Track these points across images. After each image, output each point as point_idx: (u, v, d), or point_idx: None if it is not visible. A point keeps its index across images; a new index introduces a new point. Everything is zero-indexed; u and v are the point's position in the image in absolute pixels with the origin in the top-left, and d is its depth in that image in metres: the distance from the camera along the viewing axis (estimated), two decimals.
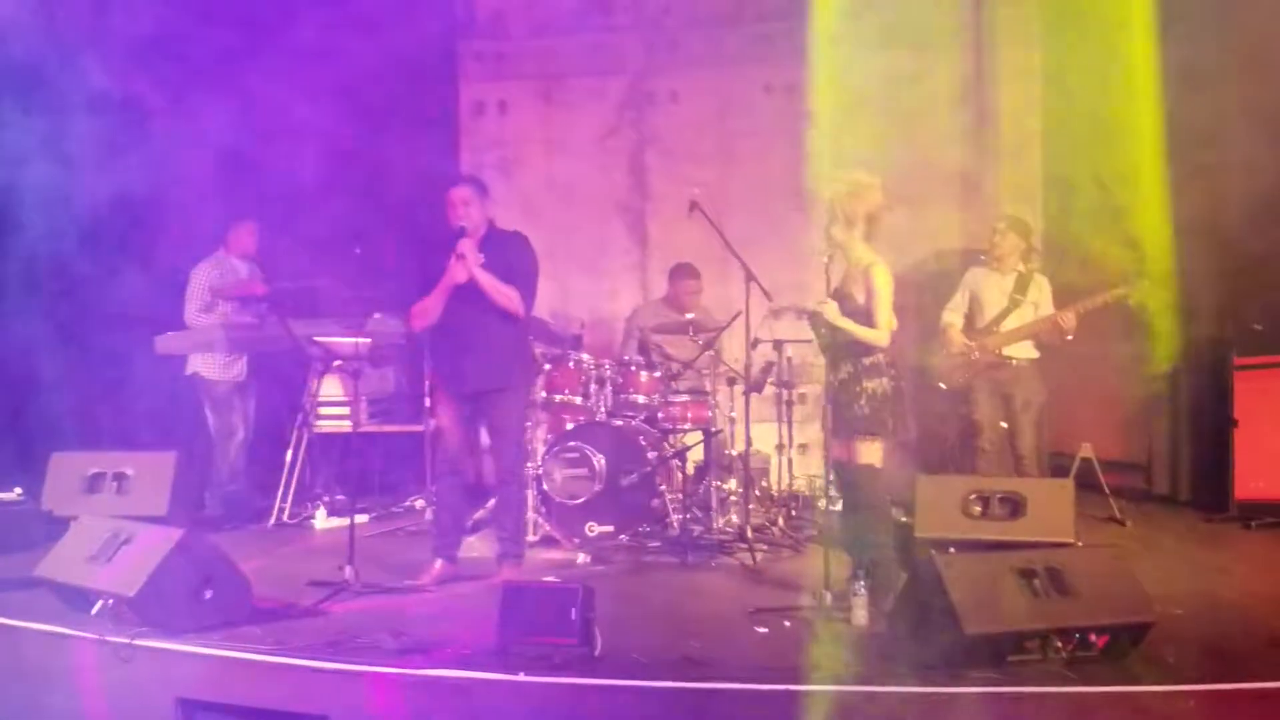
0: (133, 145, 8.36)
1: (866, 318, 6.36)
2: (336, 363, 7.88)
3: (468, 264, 6.80)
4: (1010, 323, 8.20)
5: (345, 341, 7.82)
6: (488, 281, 6.88)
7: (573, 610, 5.38)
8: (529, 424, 8.31)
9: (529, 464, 8.19)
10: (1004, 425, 8.23)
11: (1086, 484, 8.63)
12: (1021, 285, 8.24)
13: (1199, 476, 9.25)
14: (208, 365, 8.84)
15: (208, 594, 5.88)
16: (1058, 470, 8.87)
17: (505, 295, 6.94)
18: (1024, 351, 8.21)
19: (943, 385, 8.39)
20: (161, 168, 8.64)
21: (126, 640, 5.56)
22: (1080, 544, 6.68)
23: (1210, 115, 8.24)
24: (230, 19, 9.18)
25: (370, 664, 5.37)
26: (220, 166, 9.01)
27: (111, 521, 6.16)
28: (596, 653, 5.43)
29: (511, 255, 7.04)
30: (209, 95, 9.03)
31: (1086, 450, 8.86)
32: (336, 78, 9.66)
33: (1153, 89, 8.60)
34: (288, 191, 9.38)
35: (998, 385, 8.21)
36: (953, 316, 8.39)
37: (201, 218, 9.08)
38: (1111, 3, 8.72)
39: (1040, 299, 8.22)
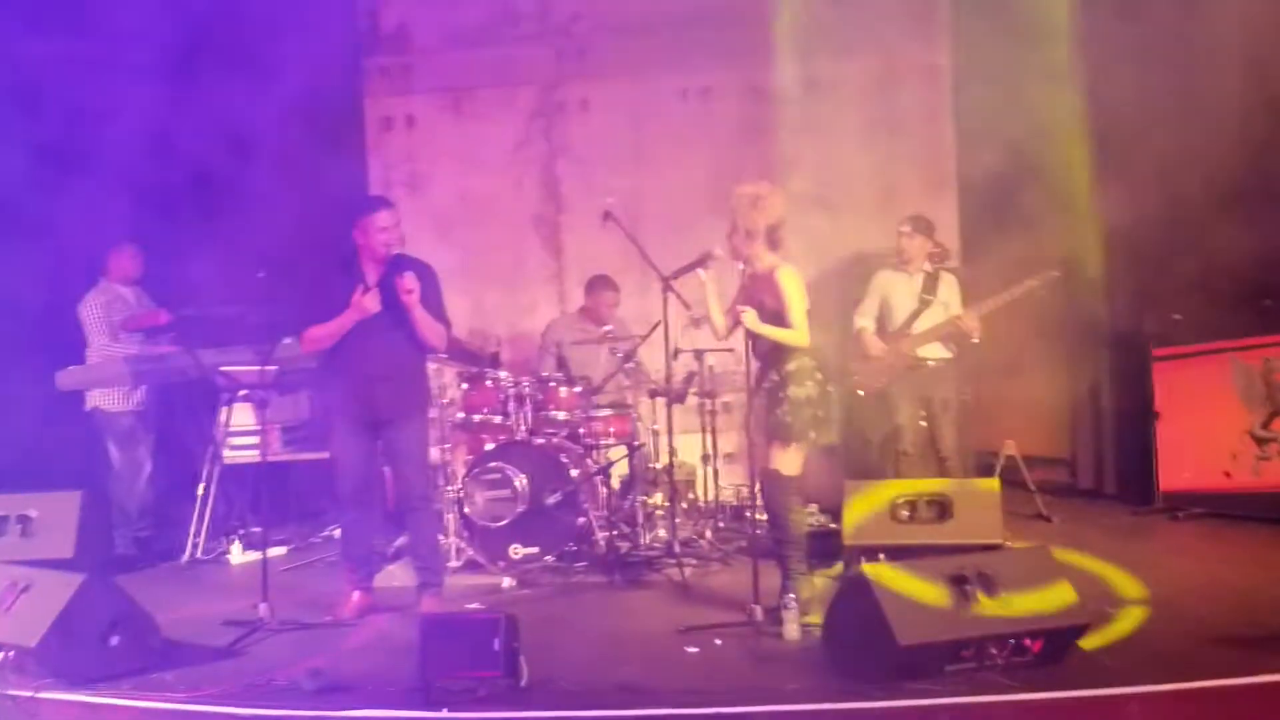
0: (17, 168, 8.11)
1: (779, 321, 6.34)
2: (242, 392, 7.66)
3: (412, 300, 6.66)
4: (922, 324, 8.19)
5: (250, 369, 7.59)
6: (423, 318, 6.77)
7: (495, 640, 5.22)
8: (447, 445, 8.16)
9: (450, 486, 8.03)
10: (924, 424, 8.18)
11: (1011, 481, 8.63)
12: (930, 285, 8.23)
13: (1123, 469, 9.27)
14: (107, 398, 8.56)
15: (114, 640, 5.65)
16: (983, 469, 8.84)
17: (436, 331, 6.88)
18: (938, 352, 8.20)
19: (860, 391, 8.31)
20: (55, 192, 8.39)
21: (30, 694, 5.35)
22: (1009, 544, 6.66)
23: (1128, 111, 8.25)
24: (127, 34, 8.92)
25: (288, 708, 5.19)
26: (112, 190, 8.74)
27: (10, 569, 5.91)
28: (523, 683, 5.27)
29: (427, 287, 6.86)
30: (108, 112, 8.79)
31: (1010, 448, 8.87)
32: (236, 95, 9.45)
33: (1069, 86, 8.61)
34: (187, 214, 9.14)
35: (916, 387, 8.18)
36: (865, 321, 8.35)
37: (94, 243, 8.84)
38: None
39: (950, 298, 8.21)
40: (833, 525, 7.88)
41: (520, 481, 7.86)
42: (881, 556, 6.61)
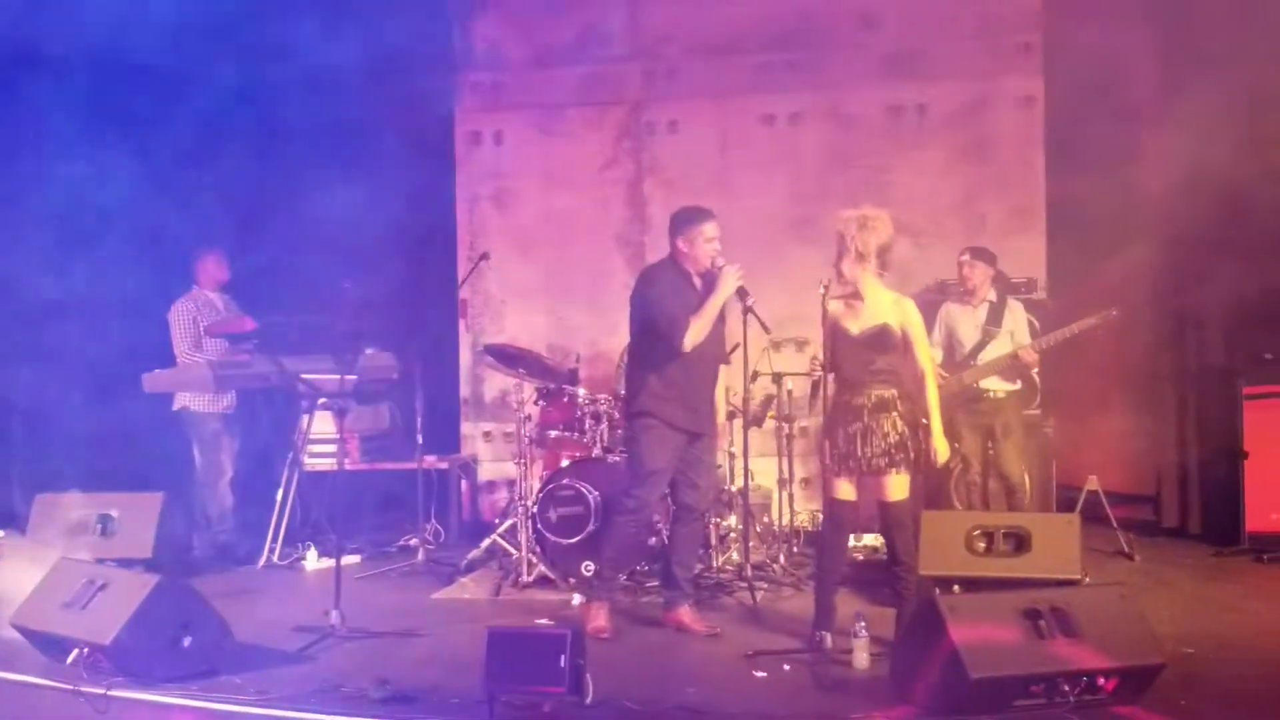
0: (118, 182, 8.26)
1: (907, 345, 6.37)
2: (321, 400, 7.72)
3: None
4: (988, 354, 8.08)
5: (331, 378, 7.65)
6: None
7: (562, 657, 5.18)
8: (523, 460, 8.18)
9: (524, 501, 8.04)
10: (992, 453, 8.09)
11: (1094, 517, 8.49)
12: (995, 316, 8.11)
13: (1209, 509, 9.06)
14: (196, 399, 8.68)
15: (187, 641, 5.72)
16: (1065, 504, 8.71)
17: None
18: (1000, 384, 8.09)
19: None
20: (158, 205, 8.57)
21: (101, 691, 5.41)
22: (1087, 580, 6.54)
23: (1220, 143, 8.10)
24: (222, 52, 9.08)
25: (355, 714, 5.21)
26: (212, 201, 8.90)
27: (88, 566, 6.00)
28: (588, 701, 5.24)
29: None
30: (204, 126, 8.95)
31: (1093, 483, 8.71)
32: (330, 109, 9.57)
33: (1163, 117, 8.48)
34: (277, 224, 9.26)
35: (979, 417, 8.08)
36: (931, 352, 8.22)
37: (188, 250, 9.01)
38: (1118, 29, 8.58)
39: (1016, 327, 8.09)
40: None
41: (594, 499, 7.87)
42: (956, 588, 6.53)
